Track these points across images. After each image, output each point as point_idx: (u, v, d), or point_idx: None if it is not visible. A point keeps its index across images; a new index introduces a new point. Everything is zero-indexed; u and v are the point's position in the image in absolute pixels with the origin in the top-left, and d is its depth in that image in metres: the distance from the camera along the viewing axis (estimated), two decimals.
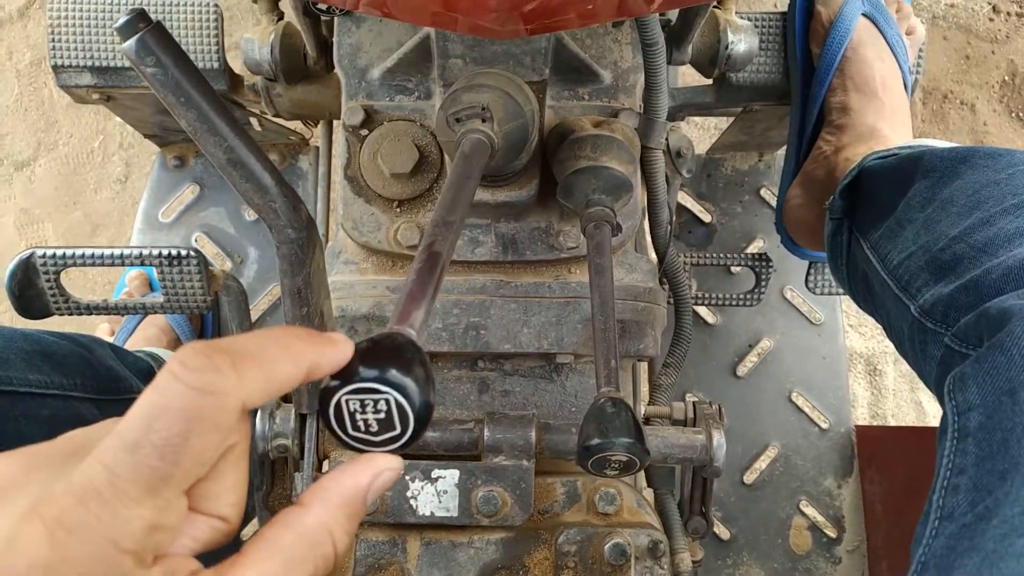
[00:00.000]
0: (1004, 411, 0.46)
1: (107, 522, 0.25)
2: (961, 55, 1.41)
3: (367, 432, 0.30)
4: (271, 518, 0.30)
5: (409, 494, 0.60)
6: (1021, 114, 1.40)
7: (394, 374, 0.30)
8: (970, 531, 0.44)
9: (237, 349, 0.27)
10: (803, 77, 0.85)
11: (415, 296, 0.36)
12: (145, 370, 0.88)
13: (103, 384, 0.78)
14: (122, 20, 0.40)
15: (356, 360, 0.30)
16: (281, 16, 0.81)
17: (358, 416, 0.30)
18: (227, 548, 0.29)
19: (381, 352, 0.31)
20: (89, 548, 0.24)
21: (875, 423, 1.28)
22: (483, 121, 0.53)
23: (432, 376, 0.31)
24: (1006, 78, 1.41)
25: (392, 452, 0.31)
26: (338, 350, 0.30)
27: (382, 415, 0.30)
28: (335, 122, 1.01)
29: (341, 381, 0.30)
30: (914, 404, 1.28)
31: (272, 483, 0.67)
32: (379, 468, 0.31)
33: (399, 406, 0.30)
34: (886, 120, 0.79)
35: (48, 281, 0.70)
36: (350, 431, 0.30)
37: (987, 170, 0.60)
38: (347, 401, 0.30)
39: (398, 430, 0.30)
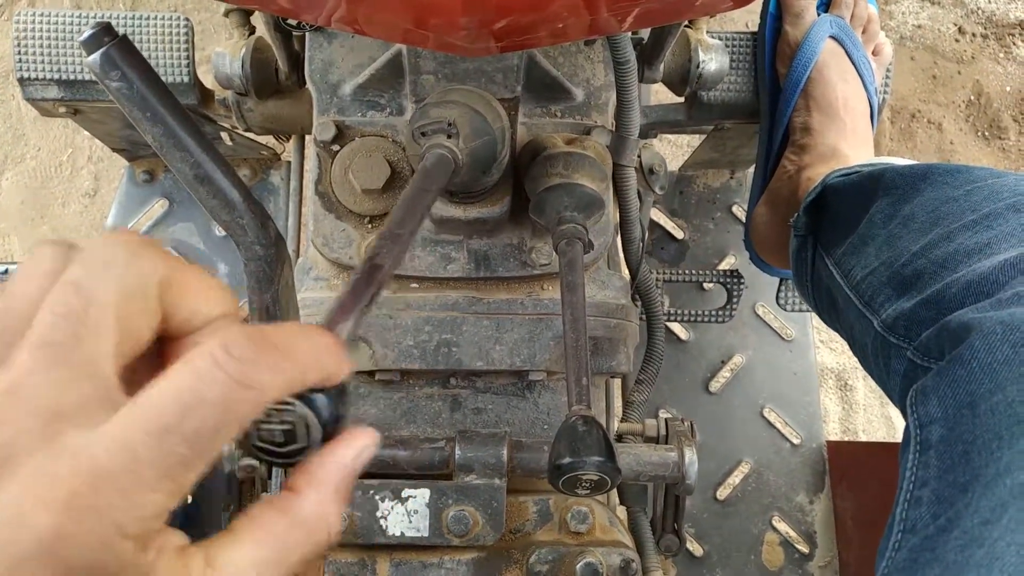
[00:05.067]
0: (964, 423, 0.46)
1: (117, 507, 0.24)
2: (928, 75, 1.44)
3: (272, 443, 0.29)
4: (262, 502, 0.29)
5: (379, 514, 0.60)
6: (986, 132, 1.43)
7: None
8: (932, 543, 0.44)
9: (281, 345, 0.27)
10: (771, 97, 0.86)
11: (346, 306, 0.35)
12: None
13: None
14: (87, 34, 0.39)
15: None
16: (253, 30, 0.81)
17: (263, 425, 0.29)
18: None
19: None
20: (96, 533, 0.24)
21: (846, 438, 1.29)
22: (448, 137, 0.52)
23: (347, 389, 0.30)
24: (972, 97, 1.43)
25: (296, 463, 0.30)
26: (344, 365, 0.30)
27: (288, 426, 0.29)
28: (307, 137, 1.01)
29: None
30: (884, 419, 1.30)
31: (240, 503, 0.66)
32: (360, 446, 0.30)
33: (304, 419, 0.29)
34: (847, 140, 0.80)
35: None
36: (255, 441, 0.29)
37: (946, 187, 0.61)
38: None
39: (304, 443, 0.29)
